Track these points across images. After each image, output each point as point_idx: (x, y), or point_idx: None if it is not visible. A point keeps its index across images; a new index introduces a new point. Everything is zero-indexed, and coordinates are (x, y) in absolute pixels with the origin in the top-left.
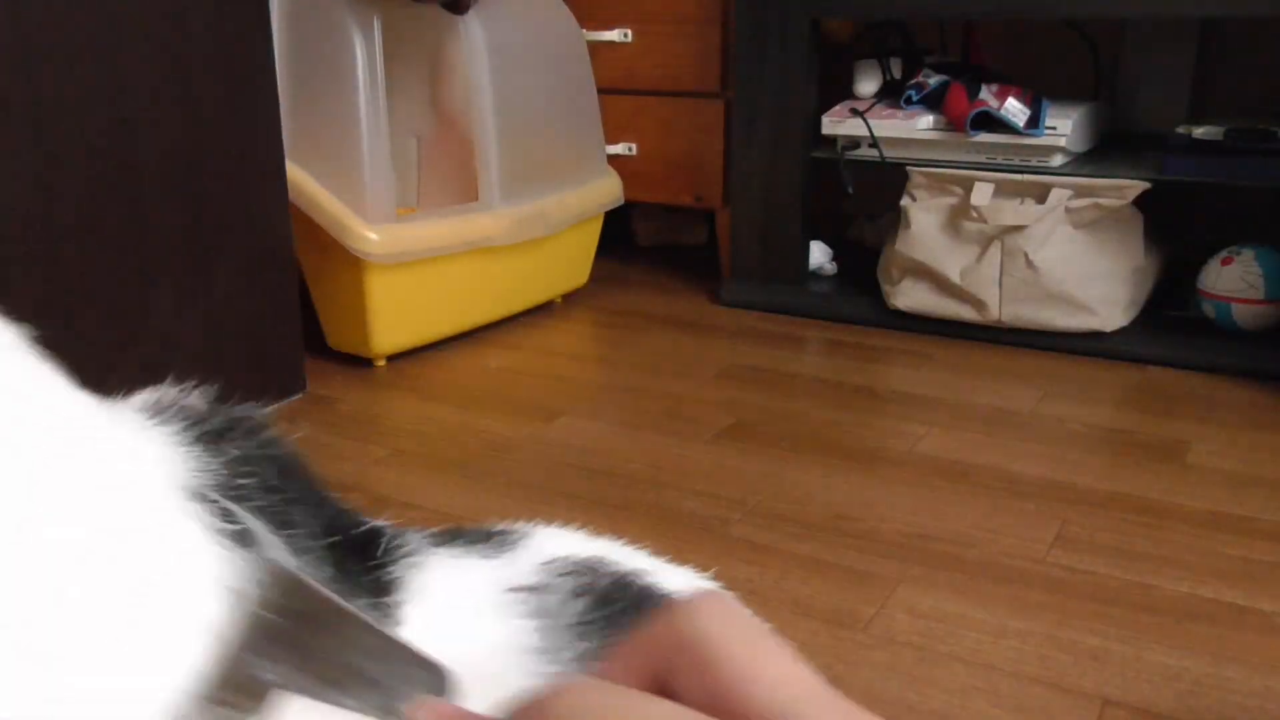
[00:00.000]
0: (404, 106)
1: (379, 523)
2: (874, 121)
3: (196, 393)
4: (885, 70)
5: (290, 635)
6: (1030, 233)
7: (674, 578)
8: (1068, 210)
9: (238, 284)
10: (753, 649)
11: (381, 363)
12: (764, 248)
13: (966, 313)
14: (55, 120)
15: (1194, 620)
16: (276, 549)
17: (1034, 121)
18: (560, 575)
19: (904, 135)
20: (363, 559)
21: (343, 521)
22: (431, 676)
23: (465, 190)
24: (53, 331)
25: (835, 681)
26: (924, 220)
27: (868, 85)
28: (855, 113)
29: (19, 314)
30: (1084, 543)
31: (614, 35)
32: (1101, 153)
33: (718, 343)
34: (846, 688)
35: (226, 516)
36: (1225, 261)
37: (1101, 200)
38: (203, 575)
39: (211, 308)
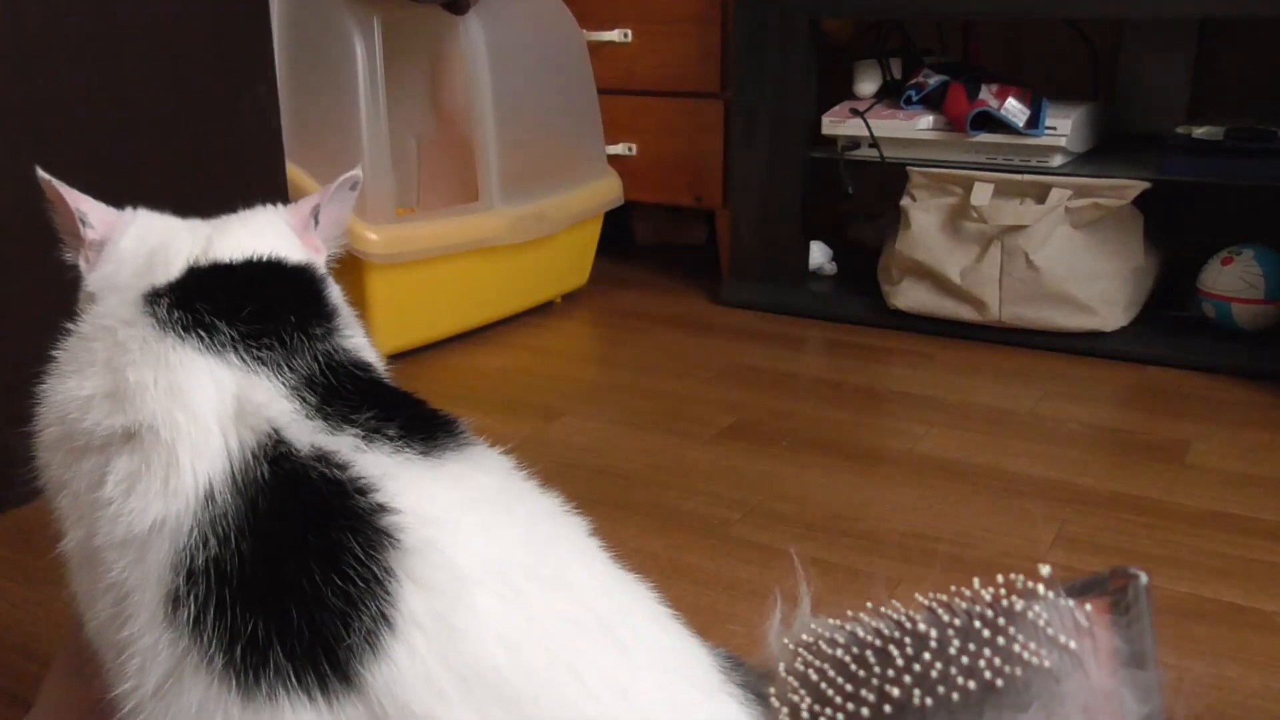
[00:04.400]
0: (404, 106)
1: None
2: (874, 121)
3: None
4: (885, 70)
5: None
6: (1030, 233)
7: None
8: (1067, 210)
9: None
10: None
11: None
12: (764, 248)
13: (966, 312)
14: (55, 120)
15: (1194, 619)
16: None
17: (1034, 121)
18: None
19: (904, 135)
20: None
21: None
22: None
23: (465, 190)
24: (53, 331)
25: None
26: (924, 220)
27: (867, 85)
28: (855, 113)
29: (19, 314)
30: (1084, 542)
31: (614, 35)
32: (1101, 153)
33: (718, 343)
34: None
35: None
36: (1225, 261)
37: (1101, 200)
38: None
39: None
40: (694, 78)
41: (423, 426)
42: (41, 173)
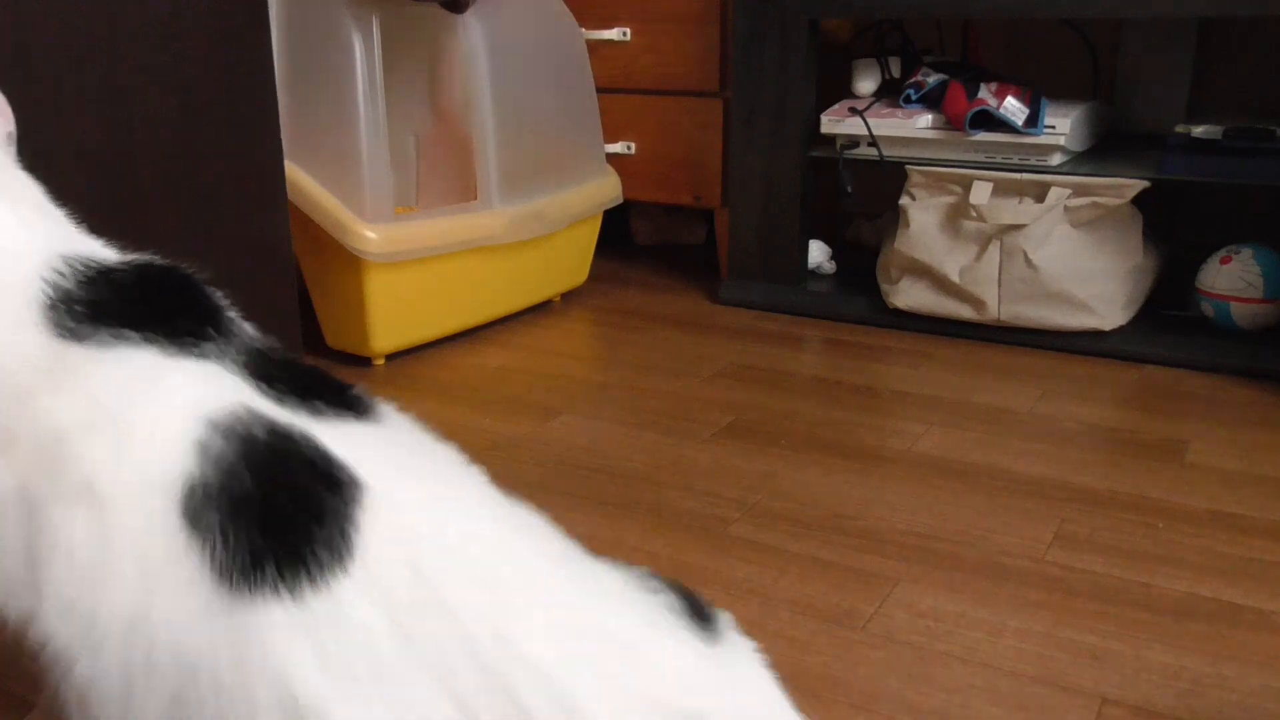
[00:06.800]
0: (403, 106)
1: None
2: (873, 120)
3: None
4: (884, 69)
5: None
6: (1029, 231)
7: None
8: (1066, 209)
9: (236, 284)
10: None
11: (380, 362)
12: (763, 247)
13: (965, 312)
14: (53, 120)
15: (1192, 619)
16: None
17: (1033, 120)
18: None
19: (903, 134)
20: None
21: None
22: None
23: (464, 189)
24: None
25: (834, 680)
26: (923, 219)
27: (866, 84)
28: (854, 112)
29: None
30: (1083, 541)
31: (613, 34)
32: (1100, 152)
33: (717, 342)
34: (845, 686)
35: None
36: (1224, 260)
37: (1100, 199)
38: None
39: None
40: (693, 76)
41: (345, 400)
42: None
